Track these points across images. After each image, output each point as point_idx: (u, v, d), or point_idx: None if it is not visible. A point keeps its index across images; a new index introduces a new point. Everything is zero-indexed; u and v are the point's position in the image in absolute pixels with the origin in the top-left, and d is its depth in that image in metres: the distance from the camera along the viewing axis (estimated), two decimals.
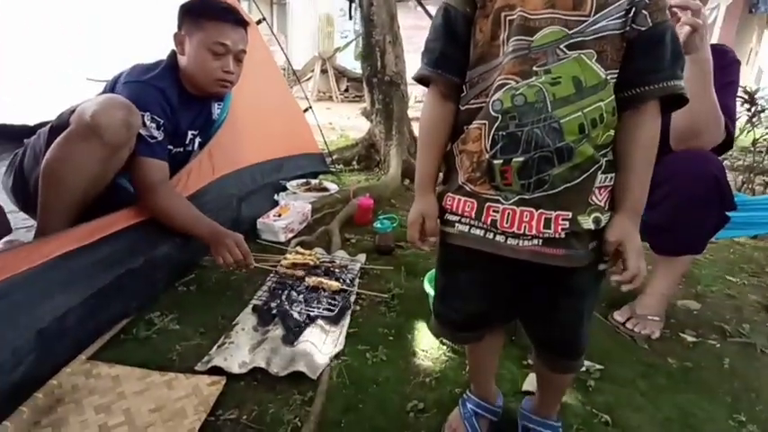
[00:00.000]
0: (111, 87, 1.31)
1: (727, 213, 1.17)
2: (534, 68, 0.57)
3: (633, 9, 0.56)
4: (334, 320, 1.20)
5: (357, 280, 1.43)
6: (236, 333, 1.12)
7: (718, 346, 1.25)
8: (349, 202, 2.06)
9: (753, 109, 3.05)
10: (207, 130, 1.58)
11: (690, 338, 1.27)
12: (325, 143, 2.92)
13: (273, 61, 2.36)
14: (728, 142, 1.18)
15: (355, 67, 8.82)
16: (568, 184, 0.59)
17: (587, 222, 0.60)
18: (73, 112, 1.21)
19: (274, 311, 1.20)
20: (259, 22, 2.23)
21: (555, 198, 0.59)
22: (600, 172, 0.60)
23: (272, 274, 1.41)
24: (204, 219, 1.33)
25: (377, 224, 1.68)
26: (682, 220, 1.16)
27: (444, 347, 1.14)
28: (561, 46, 0.56)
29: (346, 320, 1.21)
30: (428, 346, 1.14)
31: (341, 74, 9.44)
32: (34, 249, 1.00)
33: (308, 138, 2.58)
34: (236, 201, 1.69)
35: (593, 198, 0.60)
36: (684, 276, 1.67)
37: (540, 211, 0.60)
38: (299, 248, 1.55)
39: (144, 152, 1.24)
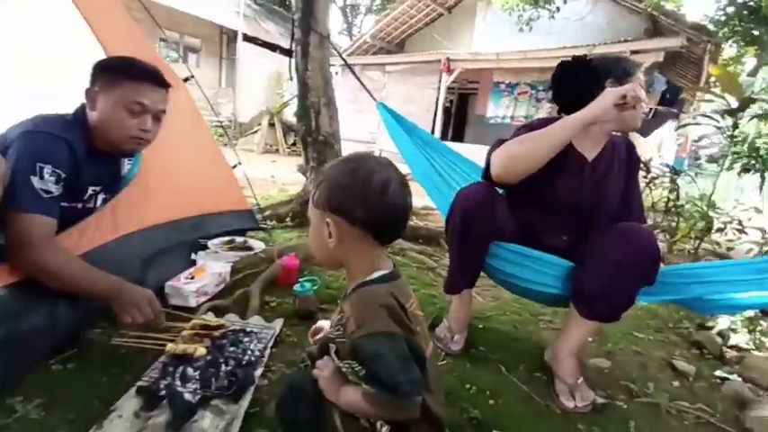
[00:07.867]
0: (4, 139, 1.20)
1: None
2: None
3: None
4: (234, 398, 1.08)
5: (268, 350, 1.32)
6: (111, 422, 0.97)
7: (625, 407, 1.28)
8: (273, 263, 1.98)
9: (648, 176, 3.51)
10: (114, 186, 1.49)
11: (600, 400, 1.29)
12: (255, 198, 2.85)
13: (198, 118, 2.31)
14: None
15: None
16: None
17: None
18: None
19: (162, 392, 1.06)
20: (186, 80, 2.22)
21: None
22: None
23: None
24: (102, 274, 1.21)
25: (297, 287, 1.61)
26: (617, 291, 1.21)
27: None
28: None
29: (247, 398, 1.09)
30: None
31: (289, 128, 9.61)
32: None
33: (236, 193, 2.49)
34: (140, 262, 1.54)
35: None
36: (597, 335, 1.74)
37: None
38: (204, 316, 1.42)
39: (30, 206, 1.13)
